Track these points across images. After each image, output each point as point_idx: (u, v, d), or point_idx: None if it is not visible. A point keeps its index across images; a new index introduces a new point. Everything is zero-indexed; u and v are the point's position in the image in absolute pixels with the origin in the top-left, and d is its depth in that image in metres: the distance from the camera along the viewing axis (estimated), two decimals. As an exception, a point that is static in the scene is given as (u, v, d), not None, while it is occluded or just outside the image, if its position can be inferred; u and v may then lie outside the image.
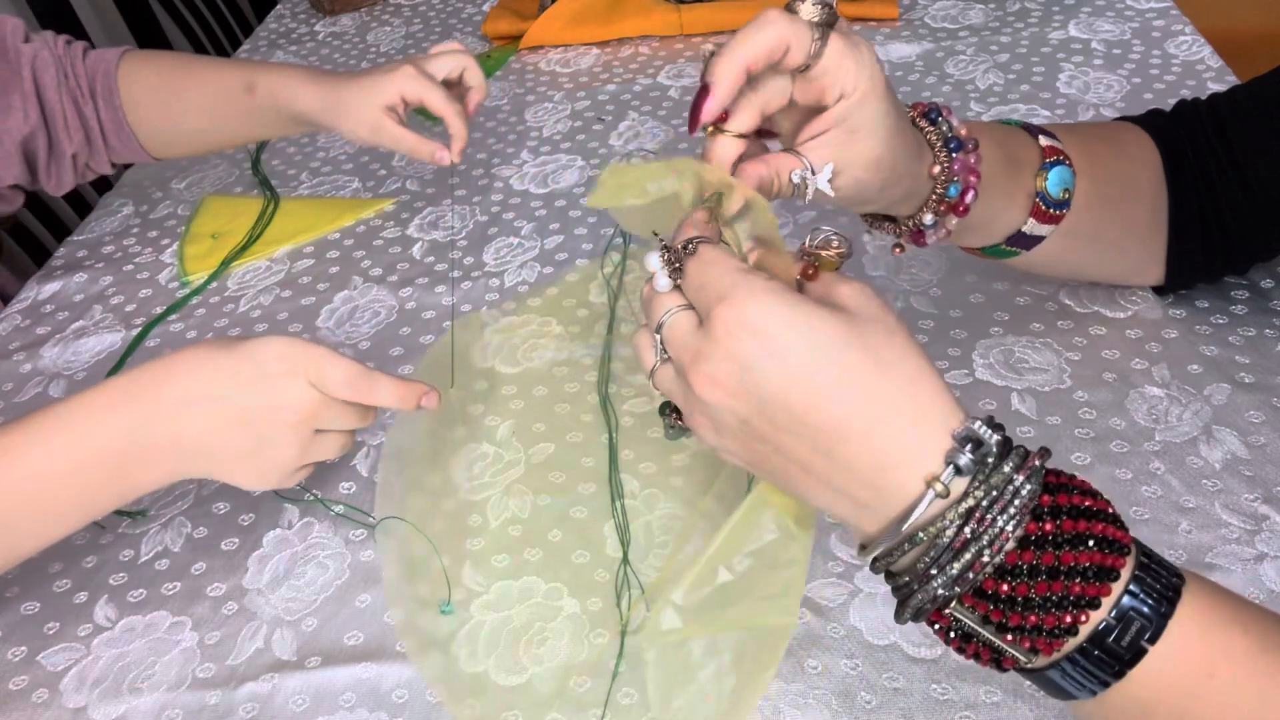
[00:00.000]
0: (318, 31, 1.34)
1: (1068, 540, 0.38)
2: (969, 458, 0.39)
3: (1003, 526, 0.38)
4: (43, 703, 0.60)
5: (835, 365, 0.40)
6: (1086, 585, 0.38)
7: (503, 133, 1.07)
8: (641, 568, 0.62)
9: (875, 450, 0.40)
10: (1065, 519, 0.39)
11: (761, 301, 0.41)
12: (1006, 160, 0.58)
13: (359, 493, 0.70)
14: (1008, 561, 0.38)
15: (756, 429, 0.42)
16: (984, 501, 0.39)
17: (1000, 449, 0.39)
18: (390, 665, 0.59)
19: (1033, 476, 0.39)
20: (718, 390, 0.42)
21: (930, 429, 0.40)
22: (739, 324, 0.41)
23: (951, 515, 0.39)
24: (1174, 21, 1.06)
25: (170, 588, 0.66)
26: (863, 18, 1.14)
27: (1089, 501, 0.39)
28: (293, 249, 0.95)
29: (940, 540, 0.39)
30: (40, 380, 0.84)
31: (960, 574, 0.39)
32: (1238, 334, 0.70)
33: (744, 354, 0.41)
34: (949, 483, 0.39)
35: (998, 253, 0.63)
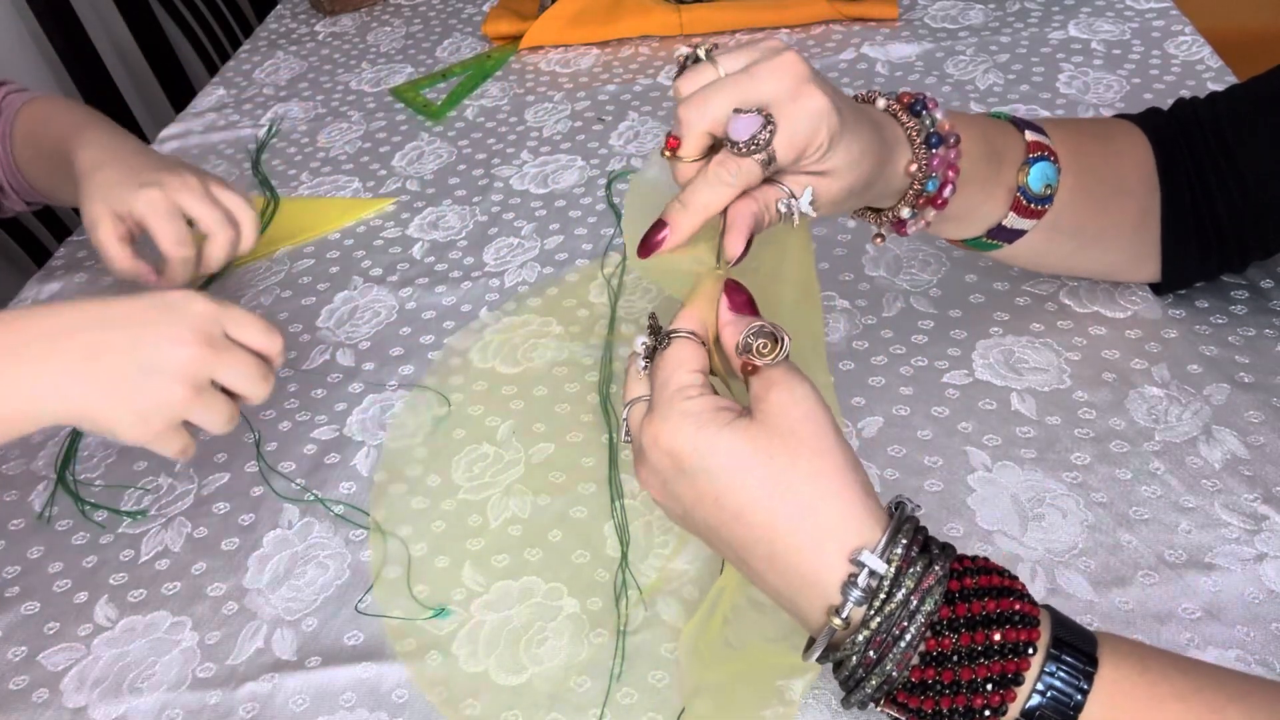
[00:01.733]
0: (318, 31, 1.34)
1: (967, 654, 0.40)
2: (860, 591, 0.41)
3: (904, 649, 0.40)
4: (43, 702, 0.60)
5: (738, 491, 0.43)
6: (991, 695, 0.40)
7: (503, 133, 1.07)
8: (641, 568, 0.62)
9: (779, 573, 0.43)
10: (964, 632, 0.40)
11: (673, 426, 0.44)
12: (989, 154, 0.59)
13: (359, 493, 0.70)
14: (913, 678, 0.41)
15: (690, 525, 0.47)
16: (880, 630, 0.41)
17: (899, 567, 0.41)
18: (390, 665, 0.59)
19: (928, 596, 0.40)
20: (653, 489, 0.47)
21: (828, 556, 0.42)
22: (654, 442, 0.45)
23: (852, 645, 0.41)
24: (1174, 22, 1.06)
25: (170, 588, 0.66)
26: (863, 18, 1.14)
27: (990, 605, 0.40)
28: (293, 249, 0.95)
29: (849, 662, 0.41)
30: (40, 380, 0.84)
31: (876, 688, 0.41)
32: (1237, 334, 0.70)
33: (661, 469, 0.45)
34: (846, 615, 0.41)
35: (979, 245, 0.63)
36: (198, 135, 1.14)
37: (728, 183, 0.49)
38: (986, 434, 0.66)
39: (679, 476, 0.44)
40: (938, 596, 0.40)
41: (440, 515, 0.67)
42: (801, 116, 0.49)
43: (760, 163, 0.49)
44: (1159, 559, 0.58)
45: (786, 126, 0.49)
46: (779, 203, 0.51)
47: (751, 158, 0.49)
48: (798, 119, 0.48)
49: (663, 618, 0.59)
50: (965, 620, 0.40)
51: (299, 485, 0.71)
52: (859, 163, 0.51)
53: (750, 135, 0.48)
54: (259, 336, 0.60)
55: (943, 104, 0.99)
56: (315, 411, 0.77)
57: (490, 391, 0.76)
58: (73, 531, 0.71)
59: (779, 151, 0.49)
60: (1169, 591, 0.56)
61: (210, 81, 1.25)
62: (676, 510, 0.46)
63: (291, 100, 1.18)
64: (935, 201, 0.56)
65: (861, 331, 0.75)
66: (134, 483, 0.73)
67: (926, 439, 0.67)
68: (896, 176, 0.55)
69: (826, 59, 1.09)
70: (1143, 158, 0.66)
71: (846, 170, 0.51)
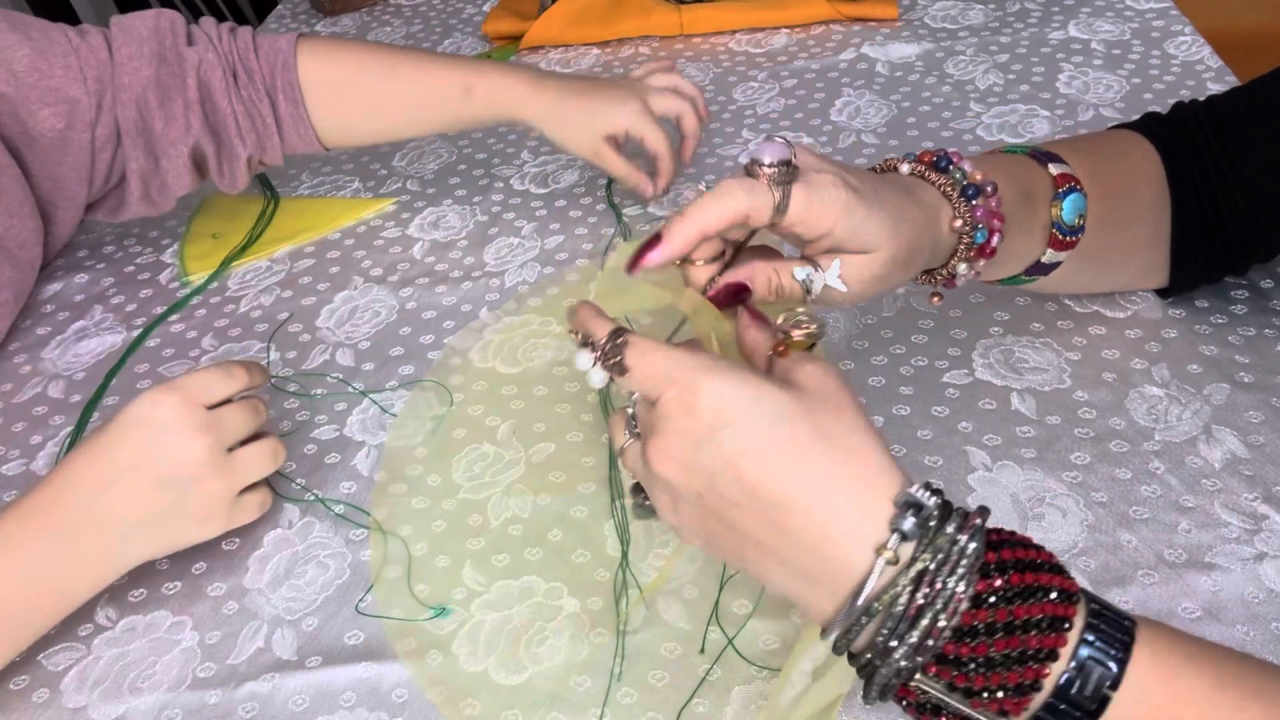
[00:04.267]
0: (318, 32, 1.34)
1: (1018, 594, 0.39)
2: (912, 522, 0.39)
3: (954, 588, 0.39)
4: (42, 703, 0.60)
5: (781, 439, 0.42)
6: (1043, 638, 0.38)
7: (503, 133, 1.07)
8: (642, 567, 0.62)
9: (820, 521, 0.41)
10: (1013, 573, 0.39)
11: (708, 380, 0.43)
12: (1022, 196, 0.58)
13: (359, 493, 0.70)
14: (963, 623, 0.39)
15: (709, 504, 0.43)
16: (932, 565, 0.39)
17: (941, 511, 0.40)
18: (390, 665, 0.59)
19: (976, 535, 0.39)
20: (671, 465, 0.44)
21: (873, 499, 0.41)
22: (692, 396, 0.43)
23: (903, 581, 0.39)
24: (1174, 22, 1.06)
25: (171, 587, 0.66)
26: (863, 18, 1.14)
27: (1033, 554, 0.40)
28: (293, 249, 0.95)
29: (895, 609, 0.39)
30: (40, 381, 0.84)
31: (920, 641, 0.39)
32: (1237, 334, 0.70)
33: (693, 431, 0.43)
34: (896, 549, 0.39)
35: (1015, 281, 0.63)
36: (198, 135, 1.14)
37: (734, 195, 0.48)
38: (986, 434, 0.66)
39: (712, 435, 0.42)
40: (984, 538, 0.39)
41: (440, 515, 0.67)
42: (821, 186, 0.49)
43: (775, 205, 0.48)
44: (1159, 559, 0.58)
45: (804, 190, 0.48)
46: (795, 270, 0.50)
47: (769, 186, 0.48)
48: (816, 188, 0.48)
49: (663, 617, 0.59)
50: (1013, 563, 0.39)
51: (299, 485, 0.71)
52: (897, 232, 0.50)
53: (773, 159, 0.48)
54: (223, 384, 0.62)
55: (941, 105, 0.99)
56: (315, 411, 0.77)
57: (490, 391, 0.76)
58: (73, 531, 0.71)
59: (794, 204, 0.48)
60: (1169, 591, 0.56)
61: (210, 81, 1.25)
62: (697, 484, 0.43)
63: (291, 100, 1.18)
64: (986, 252, 0.56)
65: (861, 331, 0.75)
66: (134, 482, 0.73)
67: (926, 439, 0.67)
68: (942, 236, 0.54)
69: (826, 59, 1.09)
70: (1155, 173, 0.66)
71: (885, 242, 0.50)
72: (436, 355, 0.80)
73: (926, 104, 1.00)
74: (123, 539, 0.60)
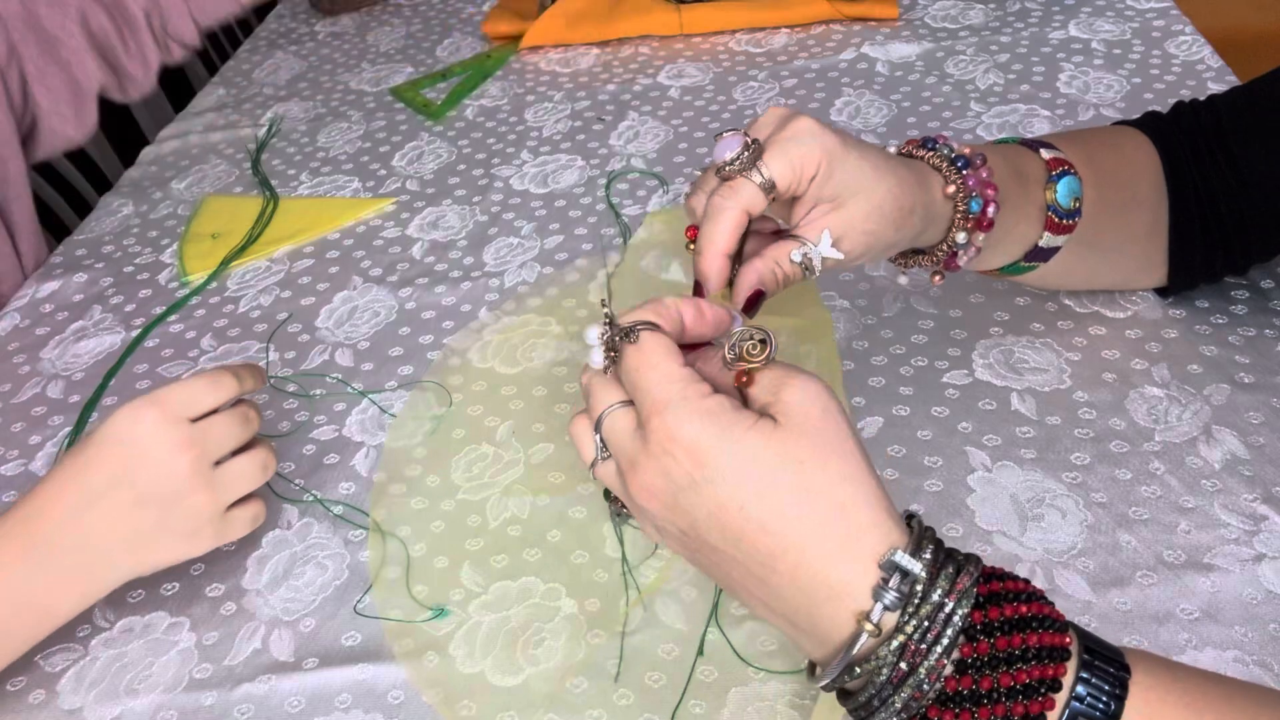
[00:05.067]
0: (318, 31, 1.34)
1: (1004, 659, 0.38)
2: (894, 594, 0.39)
3: (939, 656, 0.38)
4: (39, 704, 0.60)
5: (767, 498, 0.40)
6: (1029, 703, 0.38)
7: (503, 133, 1.06)
8: (641, 569, 0.62)
9: (804, 583, 0.40)
10: (999, 636, 0.38)
11: (695, 422, 0.41)
12: (1014, 174, 0.58)
13: (358, 493, 0.70)
14: (948, 688, 0.38)
15: (693, 544, 0.43)
16: (915, 635, 0.38)
17: (930, 571, 0.39)
18: (387, 666, 0.59)
19: (963, 598, 0.38)
20: (655, 502, 0.43)
21: (857, 561, 0.40)
22: (672, 441, 0.41)
23: (884, 653, 0.39)
24: (1174, 21, 1.06)
25: (169, 588, 0.66)
26: (863, 17, 1.14)
27: (1021, 609, 0.39)
28: (293, 249, 0.95)
29: (878, 678, 0.39)
30: (39, 381, 0.84)
31: (904, 705, 0.39)
32: (1238, 334, 0.70)
33: (677, 474, 0.41)
34: (878, 620, 0.39)
35: (1015, 270, 0.63)
36: (198, 135, 1.14)
37: (727, 209, 0.49)
38: (986, 434, 0.66)
39: (696, 484, 0.41)
40: (972, 599, 0.38)
41: (439, 515, 0.67)
42: (791, 136, 0.49)
43: (760, 186, 0.49)
44: (1158, 559, 0.58)
45: (779, 149, 0.49)
46: (792, 254, 0.50)
47: (746, 178, 0.49)
48: (788, 140, 0.49)
49: (661, 619, 0.59)
50: (999, 624, 0.38)
51: (298, 485, 0.71)
52: (881, 179, 0.51)
53: (734, 153, 0.48)
54: (208, 394, 0.60)
55: (941, 105, 0.99)
56: (314, 412, 0.77)
57: (490, 392, 0.76)
58: (71, 532, 0.71)
59: (777, 173, 0.49)
60: (1167, 592, 0.56)
61: (210, 81, 1.26)
62: (680, 524, 0.43)
63: (291, 100, 1.18)
64: (982, 223, 0.55)
65: (861, 331, 0.75)
66: (133, 483, 0.73)
67: (926, 439, 0.66)
68: (936, 204, 0.54)
69: (826, 59, 1.09)
70: (1152, 164, 0.66)
71: (865, 187, 0.50)
72: (436, 355, 0.80)
73: (927, 104, 1.00)
74: (105, 557, 0.58)
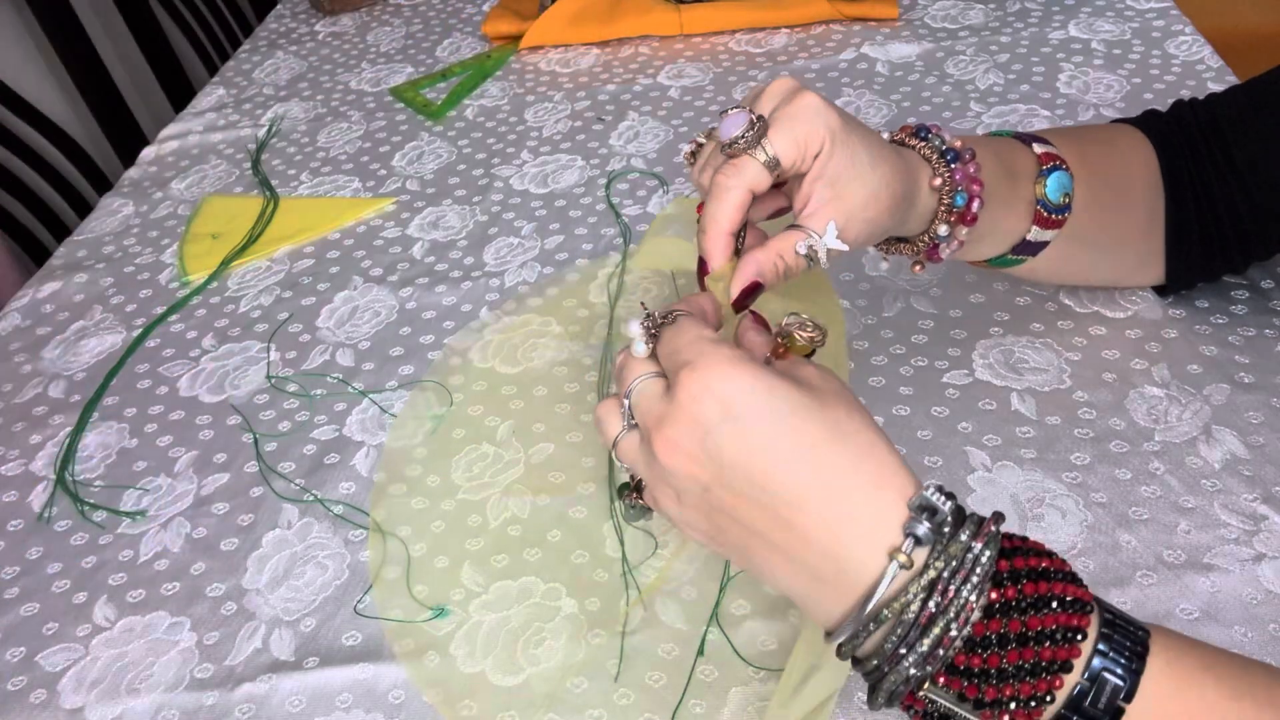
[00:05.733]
0: (318, 31, 1.34)
1: (1031, 604, 0.38)
2: (927, 527, 0.39)
3: (967, 597, 0.38)
4: (40, 703, 0.60)
5: (795, 434, 0.41)
6: (1056, 649, 0.38)
7: (503, 133, 1.07)
8: (641, 569, 0.62)
9: (833, 520, 0.40)
10: (1026, 582, 0.38)
11: (725, 369, 0.42)
12: (1004, 170, 0.58)
13: (358, 493, 0.70)
14: (975, 633, 0.38)
15: (716, 497, 0.42)
16: (945, 572, 0.38)
17: (955, 516, 0.39)
18: (387, 666, 0.59)
19: (990, 542, 0.38)
20: (679, 455, 0.43)
21: (887, 500, 0.40)
22: (703, 389, 0.42)
23: (915, 589, 0.38)
24: (1174, 21, 1.06)
25: (169, 588, 0.66)
26: (863, 18, 1.14)
27: (1045, 563, 0.39)
28: (293, 249, 0.95)
29: (906, 616, 0.38)
30: (40, 381, 0.84)
31: (930, 650, 0.38)
32: (1238, 334, 0.70)
33: (706, 419, 0.42)
34: (910, 553, 0.39)
35: (1003, 262, 0.63)
36: (198, 135, 1.14)
37: (731, 188, 0.49)
38: (986, 434, 0.66)
39: (727, 425, 0.41)
40: (998, 544, 0.39)
41: (440, 515, 0.67)
42: (796, 114, 0.49)
43: (765, 164, 0.49)
44: (1158, 559, 0.58)
45: (784, 127, 0.49)
46: (797, 245, 0.50)
47: (751, 156, 0.49)
48: (793, 118, 0.49)
49: (661, 619, 0.59)
50: (1026, 572, 0.38)
51: (298, 485, 0.71)
52: (877, 166, 0.51)
53: (739, 131, 0.48)
54: None
55: (941, 105, 0.99)
56: (315, 411, 0.77)
57: (490, 391, 0.76)
58: (72, 532, 0.71)
59: (781, 150, 0.49)
60: (1167, 592, 0.56)
61: (210, 81, 1.25)
62: (705, 476, 0.42)
63: (291, 100, 1.18)
64: (966, 218, 0.55)
65: (861, 331, 0.75)
66: (133, 483, 0.73)
67: (926, 439, 0.67)
68: (922, 195, 0.54)
69: (826, 59, 1.09)
70: (1147, 160, 0.66)
71: (865, 179, 0.50)
72: (436, 355, 0.80)
73: (926, 104, 1.00)
74: None
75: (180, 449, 0.76)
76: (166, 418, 0.78)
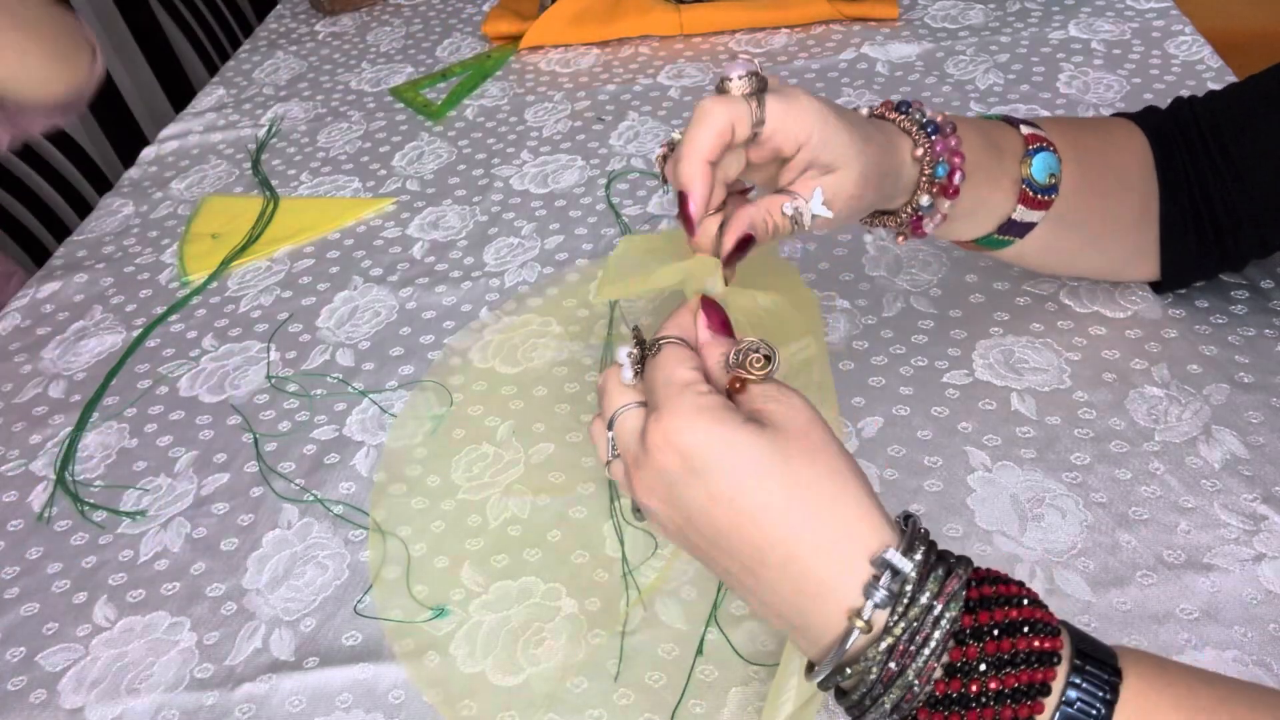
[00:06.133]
0: (318, 31, 1.34)
1: (993, 663, 0.38)
2: (884, 593, 0.39)
3: (927, 659, 0.38)
4: (40, 703, 0.60)
5: (755, 491, 0.41)
6: (1018, 707, 0.38)
7: (503, 133, 1.07)
8: (641, 569, 0.62)
9: (794, 578, 0.41)
10: (988, 641, 0.38)
11: (685, 422, 0.42)
12: (988, 145, 0.59)
13: (359, 493, 0.70)
14: (937, 691, 0.38)
15: (691, 539, 0.44)
16: (904, 636, 0.38)
17: (920, 572, 0.39)
18: (387, 666, 0.59)
19: (952, 601, 0.39)
20: (653, 498, 0.44)
21: (848, 558, 0.40)
22: (664, 441, 0.42)
23: (873, 653, 0.39)
24: (1174, 21, 1.06)
25: (169, 588, 0.66)
26: (863, 18, 1.14)
27: (1013, 613, 0.39)
28: (293, 249, 0.95)
29: (868, 676, 0.39)
30: (40, 381, 0.84)
31: (895, 706, 0.39)
32: (1237, 334, 0.70)
33: (670, 470, 0.42)
34: (869, 617, 0.39)
35: (991, 243, 0.63)
36: (198, 135, 1.14)
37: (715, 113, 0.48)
38: (986, 434, 0.66)
39: (689, 477, 0.42)
40: (961, 602, 0.39)
41: (440, 515, 0.67)
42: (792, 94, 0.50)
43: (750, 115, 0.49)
44: (1158, 559, 0.58)
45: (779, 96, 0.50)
46: (784, 206, 0.50)
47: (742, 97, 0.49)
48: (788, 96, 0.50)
49: (661, 619, 0.59)
50: (989, 628, 0.38)
51: (298, 485, 0.71)
52: (864, 148, 0.51)
53: (741, 73, 0.49)
54: None
55: (941, 105, 0.99)
56: (315, 411, 0.77)
57: (490, 391, 0.76)
58: (72, 532, 0.71)
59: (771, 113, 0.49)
60: (1167, 592, 0.56)
61: (210, 81, 1.26)
62: (677, 519, 0.44)
63: (291, 100, 1.18)
64: (948, 190, 0.56)
65: (861, 331, 0.75)
66: (133, 483, 0.73)
67: (926, 439, 0.67)
68: (905, 166, 0.55)
69: (826, 59, 1.09)
70: (1141, 151, 0.66)
71: (855, 156, 0.51)
72: (436, 355, 0.80)
73: (926, 104, 1.00)
74: None
75: (180, 449, 0.76)
76: (166, 418, 0.78)
